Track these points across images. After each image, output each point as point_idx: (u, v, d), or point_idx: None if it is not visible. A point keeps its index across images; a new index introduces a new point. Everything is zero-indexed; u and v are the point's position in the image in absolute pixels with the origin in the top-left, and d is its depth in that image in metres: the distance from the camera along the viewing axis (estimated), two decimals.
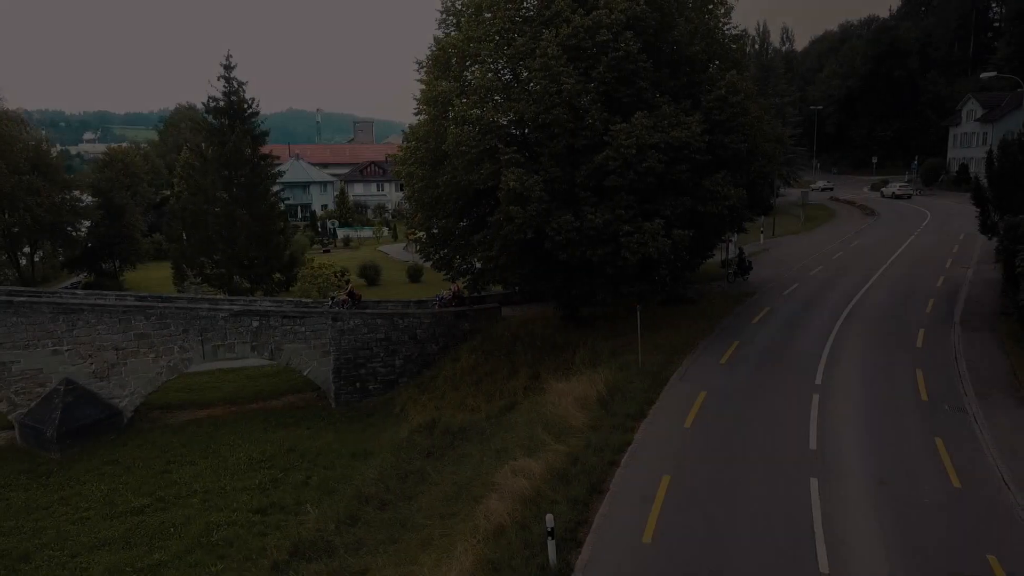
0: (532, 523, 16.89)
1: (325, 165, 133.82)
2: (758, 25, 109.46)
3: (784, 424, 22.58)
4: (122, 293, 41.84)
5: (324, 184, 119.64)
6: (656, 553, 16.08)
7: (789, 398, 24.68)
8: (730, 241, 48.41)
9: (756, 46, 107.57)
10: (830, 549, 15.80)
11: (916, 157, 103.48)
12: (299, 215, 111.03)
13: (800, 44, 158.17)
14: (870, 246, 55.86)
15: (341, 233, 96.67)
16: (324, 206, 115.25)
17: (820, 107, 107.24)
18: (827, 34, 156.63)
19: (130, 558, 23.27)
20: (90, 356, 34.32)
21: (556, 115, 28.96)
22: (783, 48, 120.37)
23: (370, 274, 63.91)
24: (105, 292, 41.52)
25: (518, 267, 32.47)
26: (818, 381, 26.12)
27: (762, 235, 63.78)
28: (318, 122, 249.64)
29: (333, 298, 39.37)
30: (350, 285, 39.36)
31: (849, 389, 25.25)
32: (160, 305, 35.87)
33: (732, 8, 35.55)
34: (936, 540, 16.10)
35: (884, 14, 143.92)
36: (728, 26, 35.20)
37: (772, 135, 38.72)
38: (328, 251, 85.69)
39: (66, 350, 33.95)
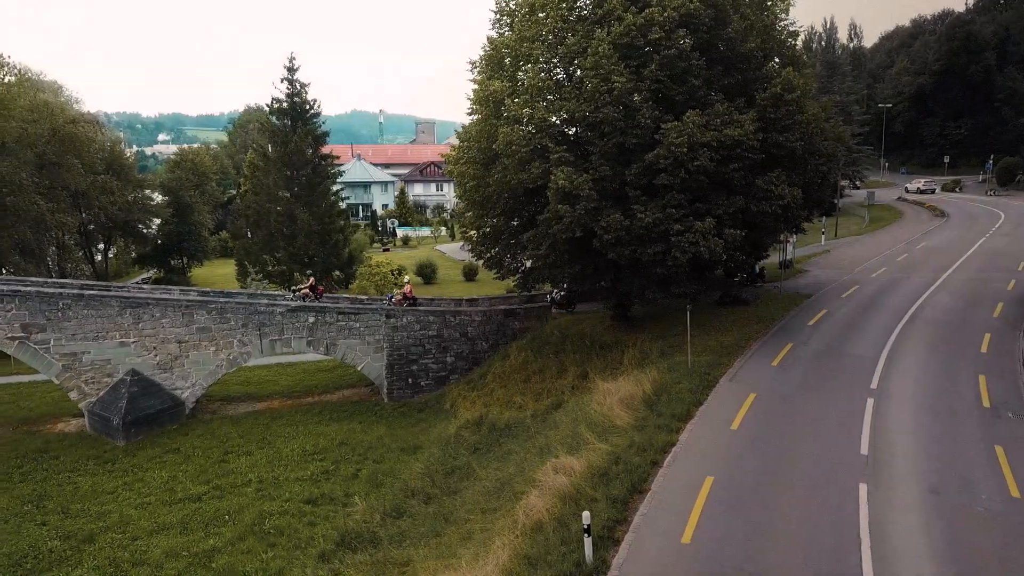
0: (570, 520, 16.93)
1: (386, 165, 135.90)
2: (824, 21, 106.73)
3: (835, 428, 22.09)
4: (186, 288, 43.33)
5: (385, 184, 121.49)
6: (695, 554, 15.94)
7: (842, 402, 24.13)
8: (788, 242, 47.43)
9: (822, 43, 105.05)
10: (875, 556, 15.42)
11: (991, 156, 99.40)
12: (360, 214, 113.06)
13: (869, 40, 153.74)
14: (938, 248, 54.00)
15: (400, 232, 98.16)
16: (385, 205, 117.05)
17: (889, 105, 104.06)
18: (898, 30, 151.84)
19: (186, 543, 24.12)
20: (155, 348, 35.67)
21: (607, 114, 28.87)
22: (851, 45, 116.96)
23: (426, 272, 64.78)
24: (170, 287, 43.11)
25: (567, 266, 32.47)
26: (874, 385, 25.45)
27: (823, 236, 62.31)
28: (380, 123, 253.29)
29: (391, 297, 40.04)
30: (408, 286, 39.95)
31: (906, 394, 24.52)
32: (221, 300, 37.07)
33: (792, 5, 34.87)
34: (989, 551, 15.54)
35: (959, 8, 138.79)
36: (785, 22, 34.47)
37: (832, 134, 37.80)
38: (387, 250, 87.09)
39: (132, 342, 35.36)
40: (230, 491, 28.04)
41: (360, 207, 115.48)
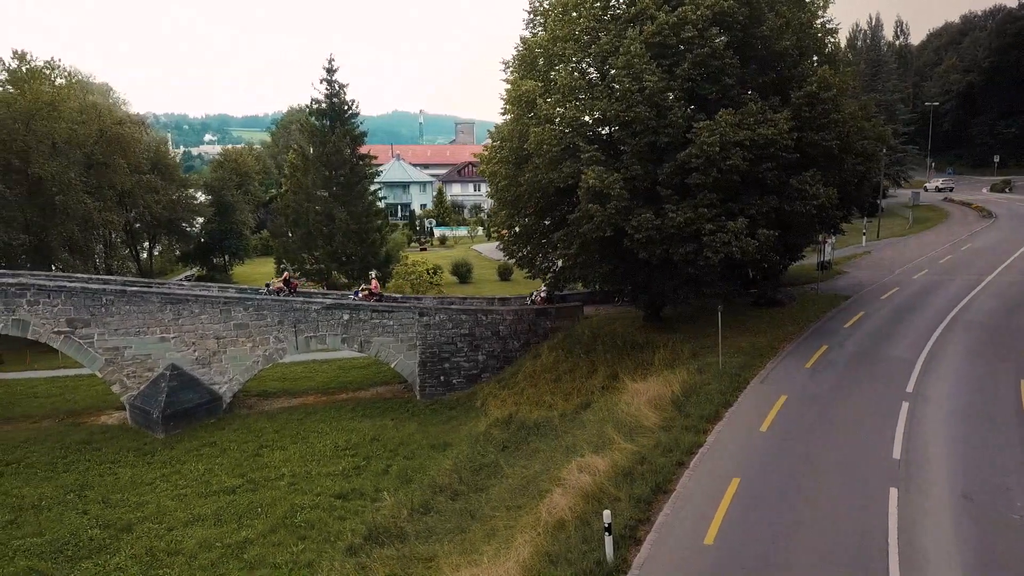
0: (592, 519, 16.94)
1: (426, 166, 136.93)
2: (870, 18, 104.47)
3: (867, 432, 21.73)
4: (224, 285, 44.21)
5: (423, 184, 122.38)
6: (717, 555, 15.85)
7: (876, 405, 23.72)
8: (827, 243, 46.71)
9: (867, 40, 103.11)
10: (903, 561, 15.16)
11: None
12: (398, 214, 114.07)
13: (916, 37, 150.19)
14: (983, 250, 52.65)
15: (438, 232, 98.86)
16: (423, 205, 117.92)
17: (936, 103, 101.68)
18: (947, 26, 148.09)
19: (220, 534, 24.64)
20: (194, 344, 36.47)
21: (638, 113, 28.74)
22: (896, 42, 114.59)
23: (462, 272, 65.16)
24: (209, 284, 44.03)
25: (598, 265, 32.41)
26: (909, 389, 24.95)
27: (864, 237, 61.18)
28: (420, 123, 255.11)
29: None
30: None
31: (943, 398, 24.00)
32: (258, 297, 37.76)
33: (831, 2, 34.32)
34: (1022, 560, 15.17)
35: (1012, 3, 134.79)
36: (823, 19, 33.93)
37: (872, 133, 37.12)
38: (424, 249, 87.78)
39: (172, 337, 36.20)
40: (263, 484, 28.56)
41: (399, 207, 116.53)
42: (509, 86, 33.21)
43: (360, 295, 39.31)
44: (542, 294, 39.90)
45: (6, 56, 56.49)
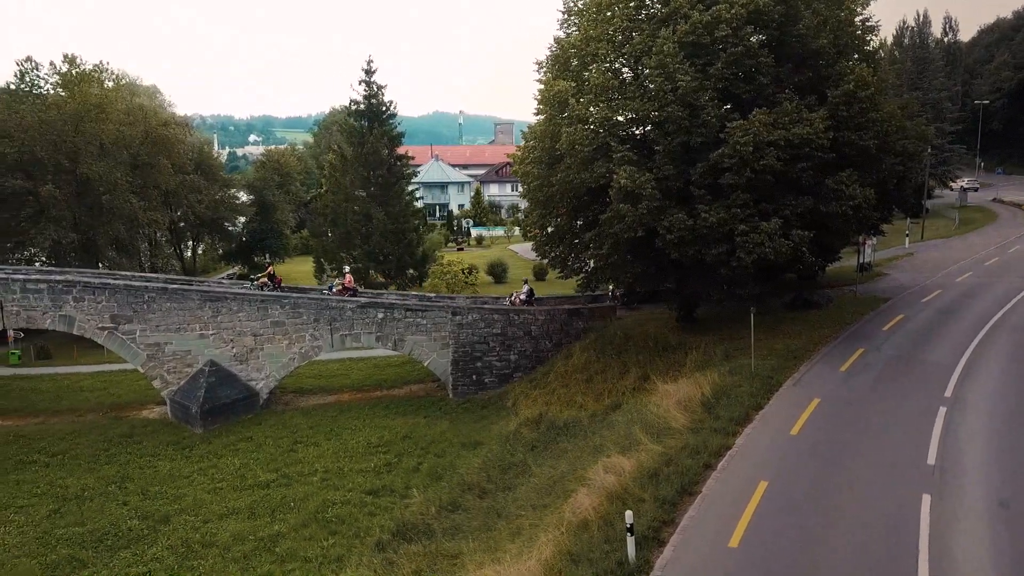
0: (616, 519, 16.91)
1: (464, 166, 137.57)
2: (917, 15, 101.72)
3: (901, 437, 21.31)
4: (323, 287, 44.85)
5: (461, 184, 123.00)
6: (741, 558, 15.70)
7: (912, 410, 23.24)
8: (867, 244, 45.86)
9: (916, 38, 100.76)
10: (933, 569, 14.85)
11: None
12: (437, 214, 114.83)
13: (966, 34, 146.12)
14: None
15: (475, 232, 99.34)
16: (461, 205, 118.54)
17: (986, 102, 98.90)
18: (999, 22, 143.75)
19: (253, 527, 25.16)
20: (232, 341, 37.23)
21: (671, 112, 28.59)
22: (945, 39, 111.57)
23: (497, 271, 65.40)
24: (247, 282, 44.83)
25: (630, 266, 32.29)
26: (948, 394, 24.39)
27: (907, 238, 59.86)
28: (460, 124, 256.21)
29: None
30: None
31: (982, 403, 23.41)
32: (294, 295, 38.39)
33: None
34: None
35: None
36: (862, 17, 33.33)
37: (914, 132, 36.40)
38: (461, 249, 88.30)
39: (211, 334, 37.02)
40: (297, 480, 29.07)
41: (437, 207, 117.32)
42: (542, 86, 33.28)
43: (334, 290, 39.67)
44: (521, 295, 39.95)
45: (56, 60, 57.98)
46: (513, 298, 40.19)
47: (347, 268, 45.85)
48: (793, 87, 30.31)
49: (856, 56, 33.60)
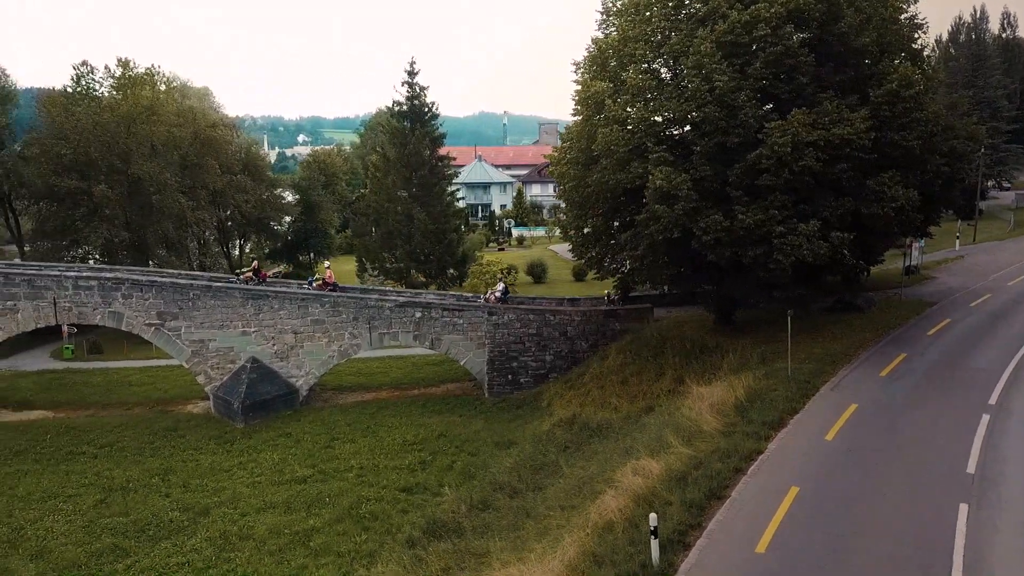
0: (641, 522, 16.84)
1: (508, 166, 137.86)
2: (974, 11, 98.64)
3: (941, 444, 20.83)
4: (303, 282, 45.69)
5: (503, 185, 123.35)
6: (767, 564, 15.53)
7: (953, 417, 22.69)
8: (914, 246, 44.80)
9: (972, 35, 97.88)
10: None
11: None
12: (479, 214, 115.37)
13: None
14: None
15: (516, 232, 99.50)
16: (503, 206, 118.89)
17: None
18: None
19: (289, 521, 25.65)
20: (273, 338, 38.01)
21: (708, 113, 28.34)
22: (1003, 35, 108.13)
23: (536, 271, 65.46)
24: (289, 281, 45.73)
25: (666, 267, 32.08)
26: (992, 401, 23.76)
27: (957, 240, 58.27)
28: (504, 124, 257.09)
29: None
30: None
31: None
32: (334, 294, 38.97)
33: None
34: None
35: None
36: (908, 15, 32.59)
37: (964, 132, 35.44)
38: (502, 249, 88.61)
39: (253, 332, 37.85)
40: (333, 475, 29.54)
41: (479, 207, 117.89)
42: (579, 87, 33.26)
43: (314, 284, 40.21)
44: (496, 293, 40.06)
45: (112, 64, 59.78)
46: (488, 295, 40.35)
47: (327, 263, 46.12)
48: (834, 87, 29.74)
49: (904, 55, 32.83)
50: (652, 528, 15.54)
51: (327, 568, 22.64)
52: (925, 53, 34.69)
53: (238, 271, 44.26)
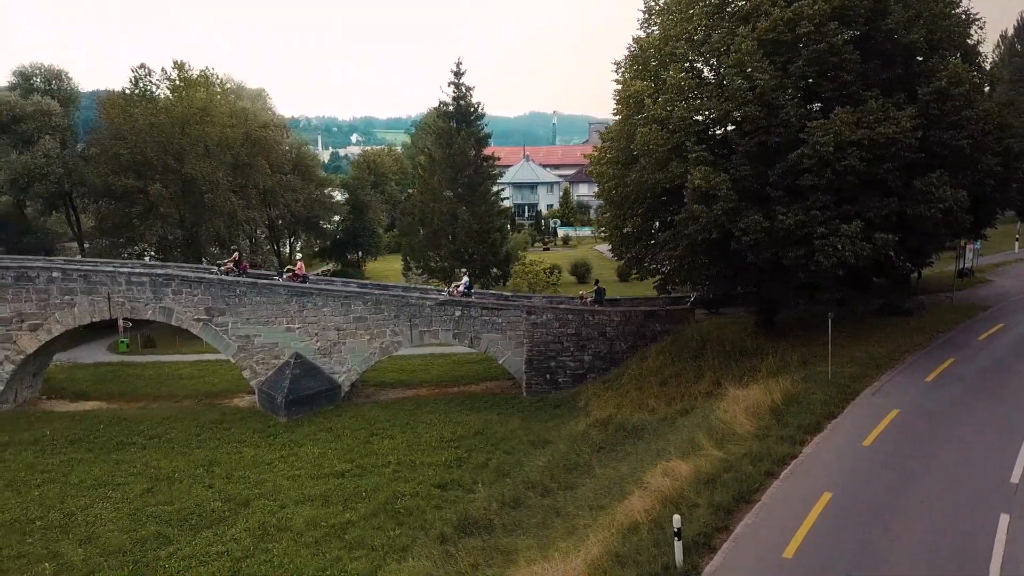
0: (666, 523, 16.74)
1: (556, 166, 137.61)
2: None
3: (985, 452, 20.26)
4: (347, 280, 46.50)
5: (551, 184, 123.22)
6: (795, 569, 15.33)
7: (1000, 424, 22.05)
8: (969, 248, 43.43)
9: None
10: None
11: None
12: (525, 214, 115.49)
13: None
14: None
15: (562, 232, 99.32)
16: (549, 205, 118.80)
17: None
18: None
19: (326, 514, 26.09)
20: (316, 335, 38.71)
21: (748, 112, 27.95)
22: None
23: (580, 271, 65.30)
24: (333, 279, 46.52)
25: (705, 268, 31.72)
26: None
27: (1016, 243, 56.27)
28: (554, 124, 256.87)
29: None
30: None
31: None
32: (376, 292, 39.56)
33: None
34: None
35: None
36: (962, 9, 31.63)
37: (1022, 130, 34.27)
38: (547, 248, 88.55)
39: (297, 328, 38.60)
40: (371, 470, 29.93)
41: (526, 207, 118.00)
42: (620, 86, 33.11)
43: (285, 276, 40.69)
44: (459, 287, 40.29)
45: (168, 66, 61.43)
46: (451, 289, 41.08)
47: (299, 256, 46.51)
48: (880, 85, 29.00)
49: (956, 51, 31.84)
50: (676, 529, 15.47)
51: (360, 561, 22.96)
52: (981, 49, 33.55)
53: (219, 262, 44.68)
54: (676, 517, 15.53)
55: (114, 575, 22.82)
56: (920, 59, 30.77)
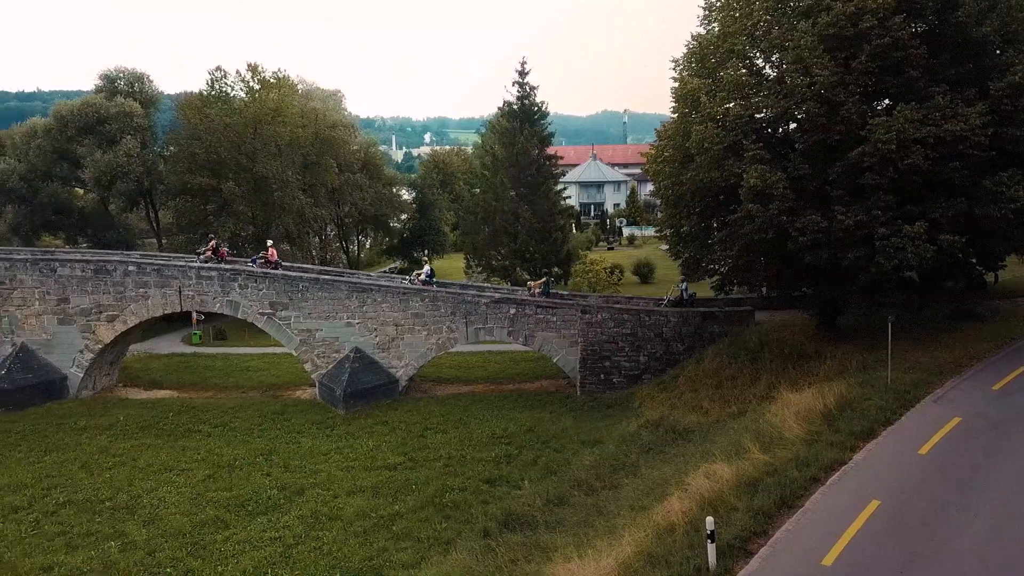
0: (703, 526, 16.55)
1: (625, 165, 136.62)
2: None
3: None
4: (403, 277, 47.27)
5: (617, 183, 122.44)
6: None
7: None
8: None
9: None
10: None
11: None
12: (591, 213, 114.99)
13: None
14: None
15: (627, 231, 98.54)
16: (616, 204, 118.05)
17: None
18: None
19: (376, 505, 26.68)
20: (375, 330, 39.52)
21: (807, 109, 27.27)
22: None
23: (643, 271, 64.71)
24: (392, 275, 47.36)
25: (762, 269, 31.08)
26: None
27: None
28: (624, 123, 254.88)
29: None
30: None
31: None
32: (433, 289, 40.12)
33: None
34: None
35: None
36: None
37: None
38: (612, 248, 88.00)
39: (357, 323, 39.49)
40: (422, 464, 30.43)
41: (592, 206, 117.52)
42: (677, 84, 32.75)
43: (257, 263, 41.00)
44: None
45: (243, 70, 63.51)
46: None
47: (269, 243, 46.39)
48: (948, 80, 27.86)
49: None
50: (709, 532, 15.27)
51: (406, 552, 23.39)
52: None
53: (199, 251, 45.40)
54: (709, 519, 15.32)
55: (173, 555, 23.85)
56: (999, 52, 29.41)
